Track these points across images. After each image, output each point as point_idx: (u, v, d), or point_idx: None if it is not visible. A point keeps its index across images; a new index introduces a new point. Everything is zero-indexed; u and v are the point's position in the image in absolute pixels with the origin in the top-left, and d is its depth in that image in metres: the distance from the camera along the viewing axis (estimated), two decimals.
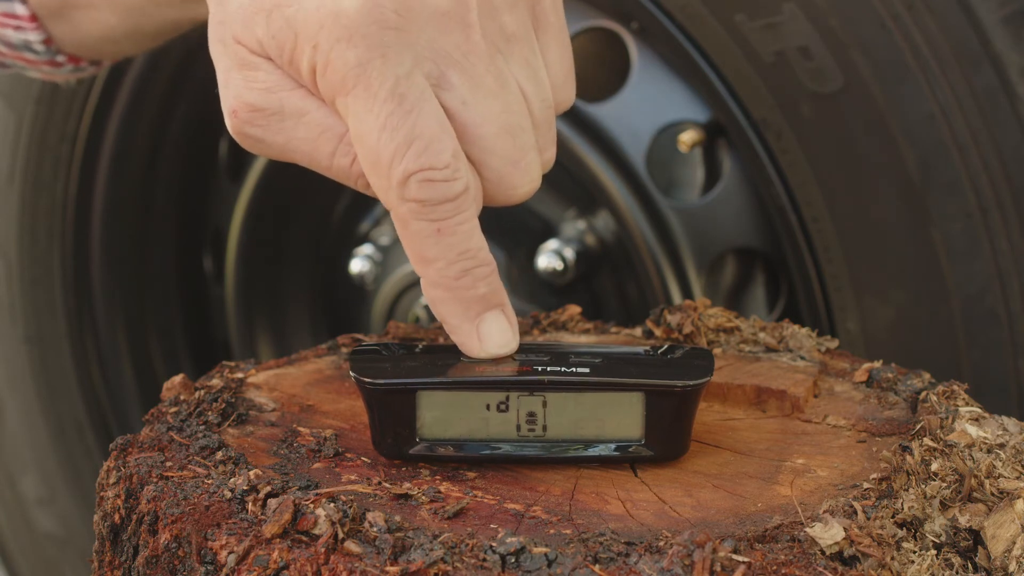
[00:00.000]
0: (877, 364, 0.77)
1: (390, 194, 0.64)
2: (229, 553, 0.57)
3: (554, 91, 0.70)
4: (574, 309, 0.87)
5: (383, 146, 0.63)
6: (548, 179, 1.19)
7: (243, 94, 0.68)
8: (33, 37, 0.95)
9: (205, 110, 1.35)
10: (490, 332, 0.67)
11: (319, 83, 0.65)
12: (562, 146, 1.08)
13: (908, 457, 0.63)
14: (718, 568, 0.54)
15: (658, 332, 0.81)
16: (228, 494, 0.60)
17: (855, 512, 0.59)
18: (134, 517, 0.63)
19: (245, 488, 0.60)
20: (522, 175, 0.67)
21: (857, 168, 0.91)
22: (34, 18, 0.94)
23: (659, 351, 0.69)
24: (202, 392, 0.72)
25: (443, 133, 0.63)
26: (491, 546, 0.55)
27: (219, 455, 0.64)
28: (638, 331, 0.84)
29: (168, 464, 0.64)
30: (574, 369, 0.64)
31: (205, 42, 0.72)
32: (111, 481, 0.65)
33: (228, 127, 0.70)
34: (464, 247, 0.65)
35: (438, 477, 0.64)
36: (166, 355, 1.43)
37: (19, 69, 1.00)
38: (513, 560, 0.54)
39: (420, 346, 0.71)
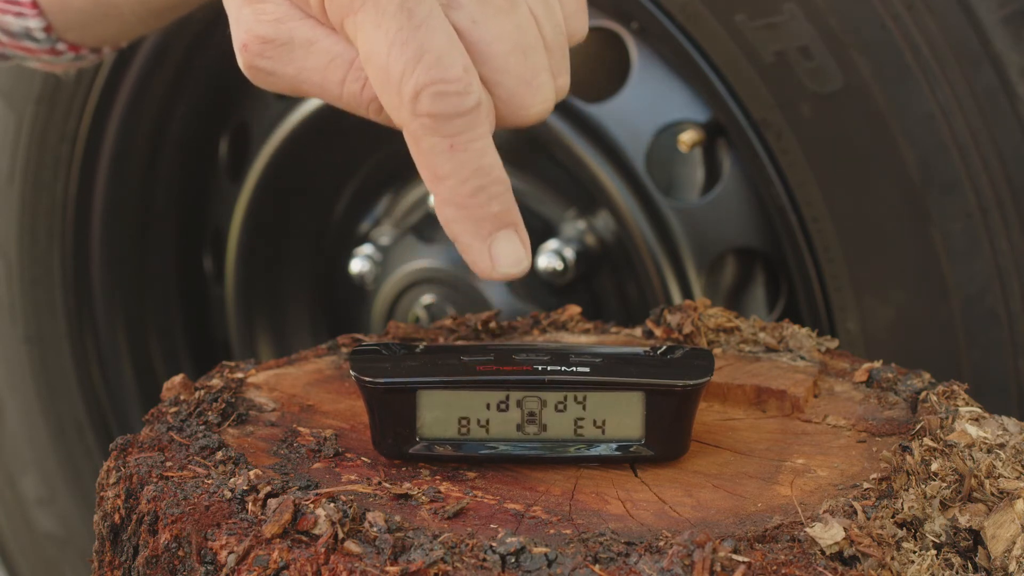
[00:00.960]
0: (877, 364, 0.77)
1: (402, 111, 0.63)
2: (229, 553, 0.57)
3: (566, 20, 0.70)
4: (574, 309, 0.87)
5: (393, 62, 0.62)
6: (548, 179, 1.19)
7: (253, 27, 0.68)
8: (34, 24, 0.94)
9: (205, 110, 1.35)
10: (502, 251, 0.66)
11: (327, 7, 0.65)
12: (562, 146, 1.08)
13: (908, 457, 0.63)
14: (718, 568, 0.54)
15: (658, 332, 0.81)
16: (228, 494, 0.60)
17: (855, 512, 0.59)
18: (134, 517, 0.63)
19: (245, 488, 0.60)
20: (534, 94, 0.66)
21: (857, 168, 0.91)
22: (35, 4, 0.94)
23: (659, 351, 0.69)
24: (202, 392, 0.72)
25: (453, 47, 0.63)
26: (491, 546, 0.55)
27: (219, 455, 0.64)
28: (638, 331, 0.84)
29: (168, 464, 0.64)
30: (574, 369, 0.64)
31: (205, 42, 0.72)
32: (111, 481, 0.65)
33: (240, 63, 0.69)
34: (478, 164, 0.64)
35: (438, 477, 0.64)
36: (166, 355, 1.43)
37: (19, 60, 1.00)
38: (513, 560, 0.54)
39: (420, 346, 0.71)
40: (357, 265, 1.27)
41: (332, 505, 0.57)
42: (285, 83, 0.69)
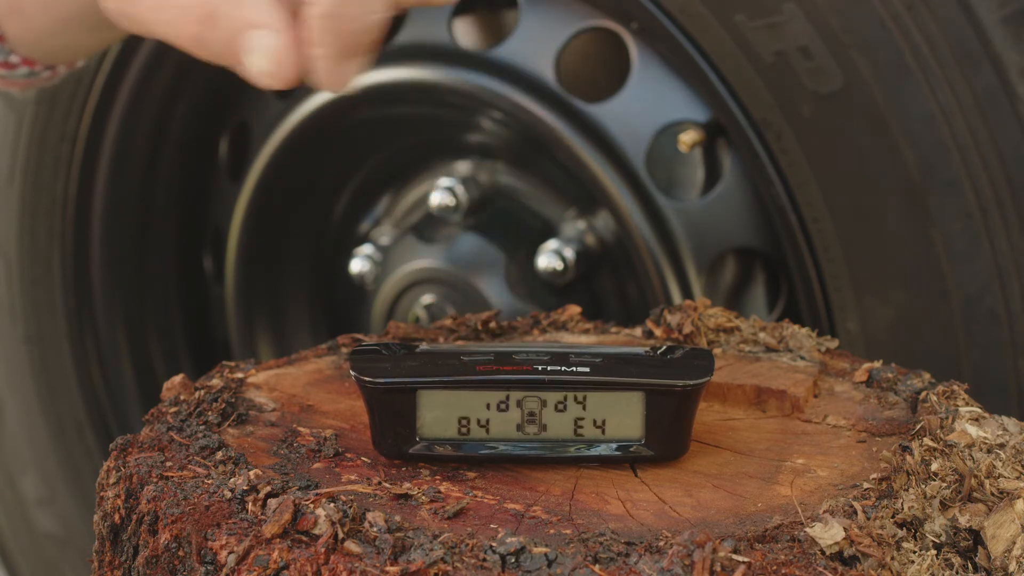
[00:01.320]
0: (877, 364, 0.77)
1: None
2: (229, 553, 0.57)
3: None
4: (574, 309, 0.87)
5: None
6: (548, 179, 1.20)
7: None
8: None
9: (205, 110, 1.35)
10: (351, 71, 0.66)
11: None
12: (562, 146, 1.08)
13: (908, 457, 0.63)
14: (718, 568, 0.54)
15: (658, 332, 0.81)
16: (228, 494, 0.60)
17: (855, 512, 0.59)
18: (134, 517, 0.63)
19: (245, 488, 0.60)
20: None
21: (857, 168, 0.91)
22: None
23: (659, 351, 0.69)
24: (202, 392, 0.72)
25: None
26: (491, 546, 0.55)
27: (219, 455, 0.64)
28: (638, 331, 0.84)
29: (168, 464, 0.64)
30: (574, 368, 0.64)
31: None
32: (111, 481, 0.65)
33: (108, 12, 0.70)
34: None
35: (438, 477, 0.64)
36: (166, 355, 1.43)
37: None
38: (513, 560, 0.54)
39: (420, 346, 0.71)
40: (357, 265, 1.27)
41: (332, 505, 0.57)
42: (146, 24, 0.69)
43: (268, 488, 0.60)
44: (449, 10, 1.15)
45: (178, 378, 0.73)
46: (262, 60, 0.66)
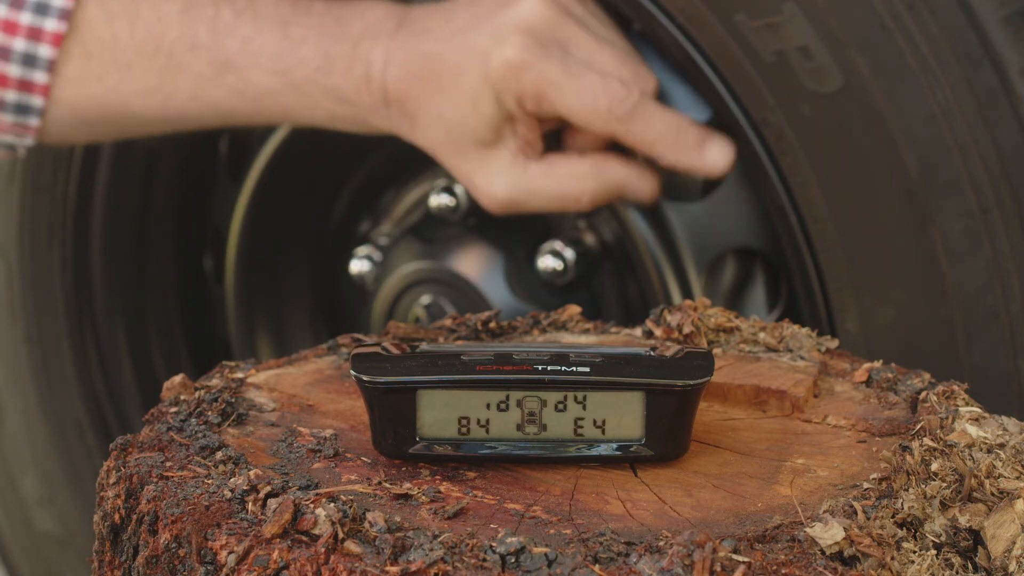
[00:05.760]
0: (877, 364, 0.77)
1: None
2: (229, 553, 0.57)
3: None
4: (574, 309, 0.87)
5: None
6: None
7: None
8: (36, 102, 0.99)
9: None
10: (713, 153, 0.97)
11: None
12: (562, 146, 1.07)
13: (908, 457, 0.63)
14: (718, 568, 0.54)
15: (658, 332, 0.81)
16: (228, 494, 0.60)
17: (855, 512, 0.59)
18: (134, 517, 0.63)
19: (245, 488, 0.60)
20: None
21: (857, 168, 0.91)
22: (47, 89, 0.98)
23: (659, 351, 0.69)
24: (202, 392, 0.72)
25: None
26: (491, 546, 0.55)
27: (219, 455, 0.64)
28: (638, 331, 0.84)
29: (168, 464, 0.64)
30: (574, 368, 0.64)
31: None
32: (111, 481, 0.65)
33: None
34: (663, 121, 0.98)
35: (438, 477, 0.64)
36: (166, 355, 1.43)
37: None
38: (513, 560, 0.54)
39: (420, 346, 0.71)
40: (357, 265, 1.27)
41: (332, 505, 0.57)
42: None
43: (268, 488, 0.60)
44: None
45: (178, 378, 0.73)
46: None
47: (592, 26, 0.99)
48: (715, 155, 0.96)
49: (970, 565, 0.60)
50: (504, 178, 1.00)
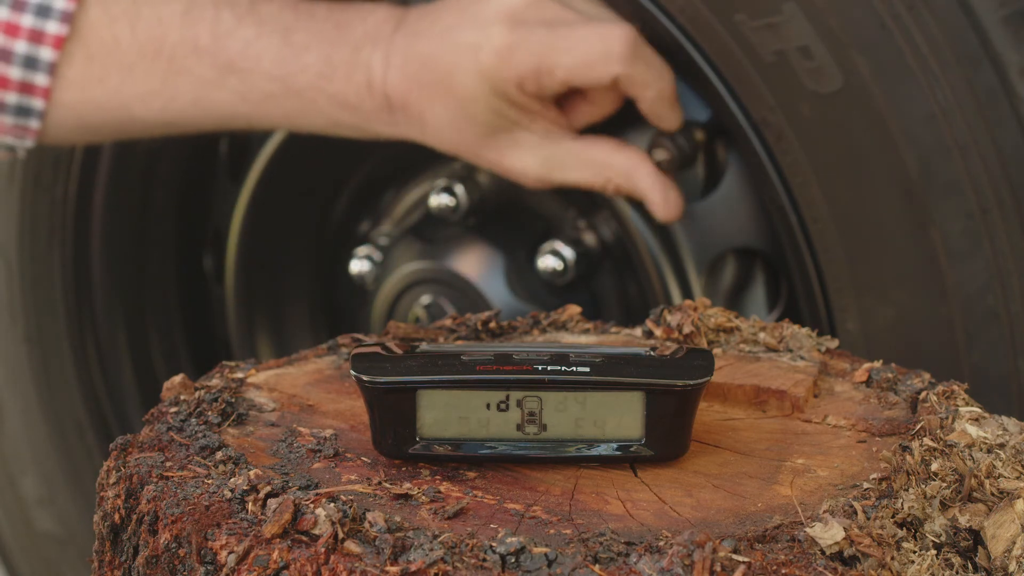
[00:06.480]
0: (877, 364, 0.77)
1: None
2: (229, 553, 0.57)
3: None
4: (574, 309, 0.87)
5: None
6: None
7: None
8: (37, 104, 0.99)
9: None
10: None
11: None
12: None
13: (908, 457, 0.63)
14: (718, 568, 0.54)
15: (658, 332, 0.81)
16: (228, 494, 0.60)
17: (855, 512, 0.59)
18: (134, 517, 0.63)
19: (245, 488, 0.60)
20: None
21: (857, 168, 0.91)
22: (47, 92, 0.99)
23: (659, 351, 0.69)
24: (202, 392, 0.72)
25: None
26: (491, 546, 0.55)
27: (219, 455, 0.64)
28: (638, 331, 0.84)
29: (168, 464, 0.64)
30: (574, 368, 0.64)
31: None
32: (111, 481, 0.65)
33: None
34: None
35: (438, 477, 0.64)
36: (166, 355, 1.43)
37: None
38: (513, 560, 0.54)
39: (420, 346, 0.71)
40: (357, 265, 1.27)
41: (332, 505, 0.57)
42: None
43: (268, 488, 0.60)
44: None
45: (178, 378, 0.73)
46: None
47: (575, 4, 0.98)
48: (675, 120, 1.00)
49: (970, 565, 0.60)
50: (537, 155, 1.00)
